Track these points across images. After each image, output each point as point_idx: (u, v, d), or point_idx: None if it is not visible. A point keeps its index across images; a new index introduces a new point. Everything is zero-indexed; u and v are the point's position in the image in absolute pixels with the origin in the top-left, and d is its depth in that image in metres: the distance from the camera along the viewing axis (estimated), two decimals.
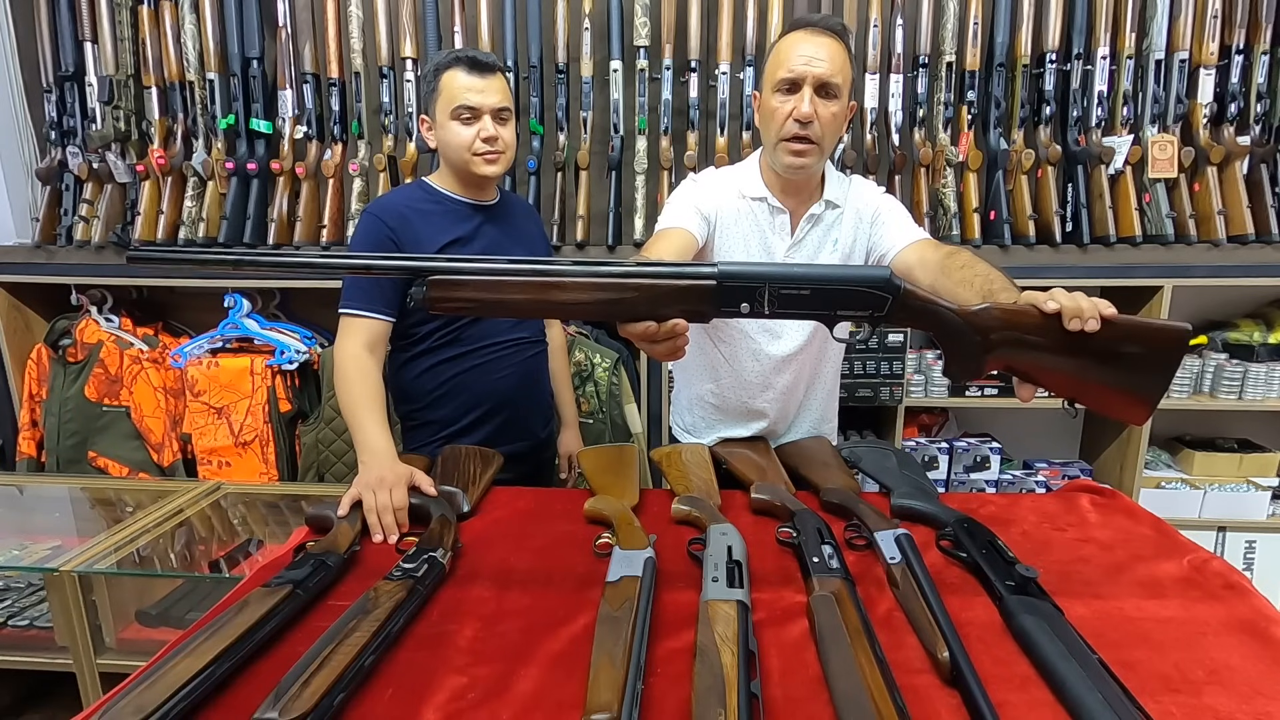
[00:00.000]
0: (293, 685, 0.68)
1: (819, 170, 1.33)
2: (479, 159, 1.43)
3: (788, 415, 1.48)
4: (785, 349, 1.39)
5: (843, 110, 1.27)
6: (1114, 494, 1.24)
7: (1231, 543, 2.40)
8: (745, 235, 1.35)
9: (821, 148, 1.25)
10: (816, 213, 1.35)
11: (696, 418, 1.53)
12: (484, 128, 1.41)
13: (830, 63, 1.21)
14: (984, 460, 2.41)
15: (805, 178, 1.31)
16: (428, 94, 1.45)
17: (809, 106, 1.21)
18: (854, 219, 1.37)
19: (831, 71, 1.21)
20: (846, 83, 1.25)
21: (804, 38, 1.23)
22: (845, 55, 1.25)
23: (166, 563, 1.67)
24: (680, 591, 0.92)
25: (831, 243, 1.37)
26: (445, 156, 1.48)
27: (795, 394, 1.45)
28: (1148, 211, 2.23)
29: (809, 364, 1.43)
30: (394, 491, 1.15)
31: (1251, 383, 2.29)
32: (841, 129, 1.30)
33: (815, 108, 1.21)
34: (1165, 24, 2.17)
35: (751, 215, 1.35)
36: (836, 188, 1.36)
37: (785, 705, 0.72)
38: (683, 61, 2.25)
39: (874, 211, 1.36)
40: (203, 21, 2.27)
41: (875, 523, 1.04)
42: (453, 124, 1.41)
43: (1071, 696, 0.70)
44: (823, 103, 1.22)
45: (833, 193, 1.35)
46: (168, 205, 2.34)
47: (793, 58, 1.22)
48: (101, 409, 2.35)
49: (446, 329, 1.49)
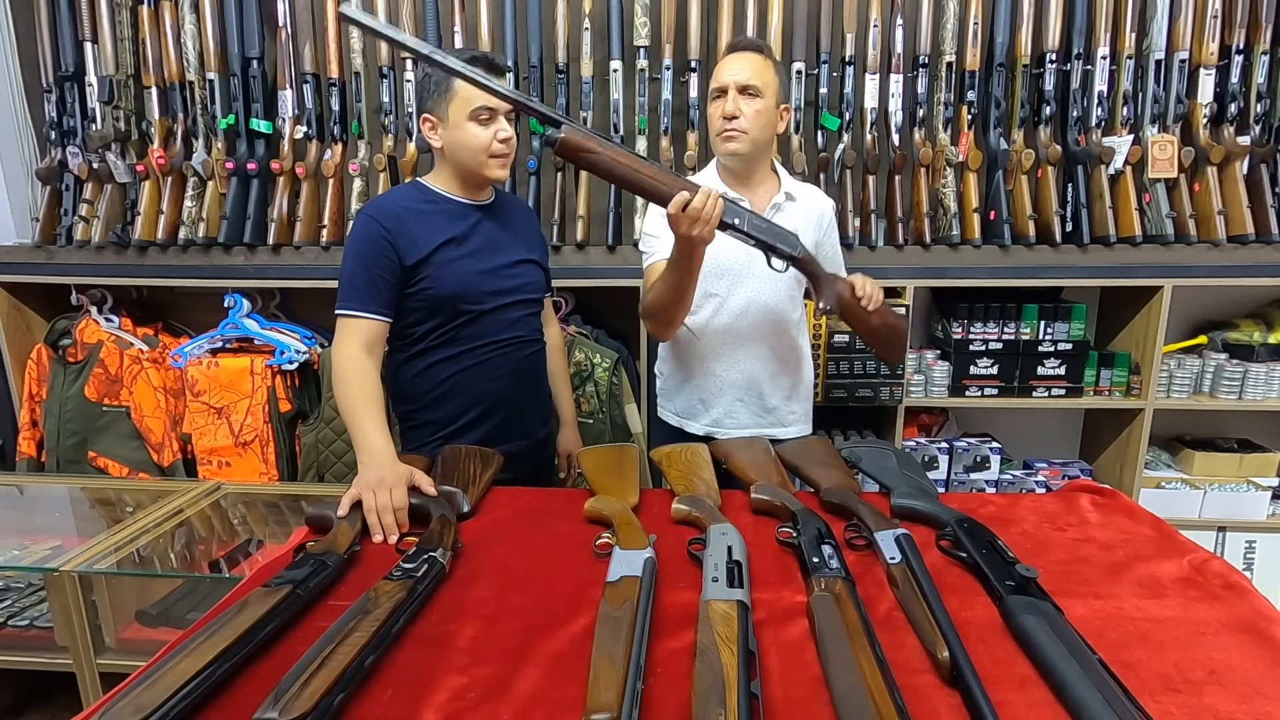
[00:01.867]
0: (293, 685, 0.68)
1: (755, 159, 1.58)
2: (494, 161, 1.44)
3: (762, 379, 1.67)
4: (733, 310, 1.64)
5: (768, 108, 1.53)
6: (1114, 494, 1.24)
7: (1231, 543, 2.40)
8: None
9: (750, 136, 1.52)
10: (779, 202, 1.61)
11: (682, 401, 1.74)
12: (501, 129, 1.42)
13: (748, 70, 1.51)
14: (984, 460, 2.41)
15: (743, 164, 1.58)
16: (436, 94, 1.42)
17: (732, 105, 1.51)
18: (811, 215, 1.63)
19: (749, 76, 1.51)
20: (767, 86, 1.52)
21: (729, 58, 1.56)
22: (764, 64, 1.53)
23: (166, 563, 1.67)
24: (680, 591, 0.92)
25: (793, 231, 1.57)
26: (455, 157, 1.46)
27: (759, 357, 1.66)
28: (1148, 211, 2.23)
29: (762, 332, 1.65)
30: (394, 491, 1.15)
31: (1251, 383, 2.29)
32: (770, 124, 1.55)
33: (739, 105, 1.51)
34: (1165, 24, 2.17)
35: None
36: (792, 184, 1.65)
37: (785, 705, 0.72)
38: (683, 61, 2.25)
39: (826, 224, 1.66)
40: (203, 21, 2.27)
41: (875, 523, 1.04)
42: (470, 125, 1.41)
43: (1071, 696, 0.70)
44: (745, 100, 1.51)
45: (789, 187, 1.63)
46: (168, 205, 2.34)
47: (721, 73, 1.55)
48: (101, 409, 2.35)
49: (443, 329, 1.49)
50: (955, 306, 2.34)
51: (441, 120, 1.43)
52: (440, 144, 1.46)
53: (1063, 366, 2.30)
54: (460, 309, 1.47)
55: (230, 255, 2.32)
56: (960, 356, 2.32)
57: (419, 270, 1.43)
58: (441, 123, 1.44)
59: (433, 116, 1.44)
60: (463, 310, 1.48)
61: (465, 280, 1.47)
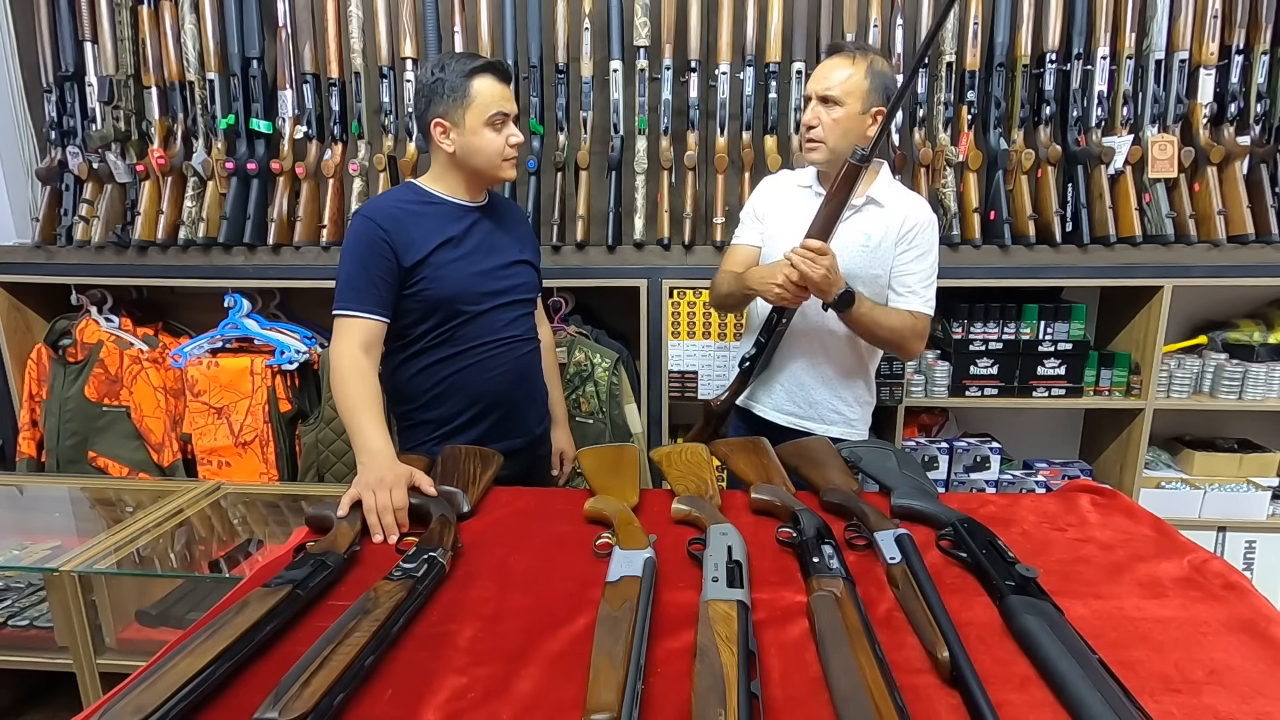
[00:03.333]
0: (293, 685, 0.68)
1: (838, 163, 1.51)
2: (506, 164, 1.48)
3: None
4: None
5: (849, 116, 1.53)
6: (1114, 494, 1.24)
7: (1231, 543, 2.40)
8: (790, 214, 1.64)
9: (829, 145, 1.54)
10: (857, 204, 1.59)
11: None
12: (513, 132, 1.46)
13: (830, 79, 1.52)
14: (984, 460, 2.41)
15: (825, 168, 1.59)
16: (451, 100, 1.42)
17: (810, 115, 1.55)
18: (894, 222, 1.59)
19: (828, 86, 1.52)
20: (849, 94, 1.52)
21: (823, 62, 1.57)
22: (852, 70, 1.52)
23: (166, 563, 1.67)
24: (680, 591, 0.92)
25: (863, 235, 1.59)
26: (469, 161, 1.47)
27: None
28: (1148, 211, 2.23)
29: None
30: (394, 491, 1.15)
31: (1251, 383, 2.29)
32: (852, 131, 1.54)
33: (818, 115, 1.54)
34: (1165, 24, 2.17)
35: (800, 199, 1.66)
36: (885, 190, 1.61)
37: (785, 705, 0.72)
38: (683, 61, 2.25)
39: (912, 236, 1.59)
40: (203, 21, 2.27)
41: (875, 523, 1.04)
42: (487, 130, 1.44)
43: (1071, 696, 0.70)
44: (825, 110, 1.53)
45: (878, 193, 1.60)
46: (168, 205, 2.34)
47: (810, 79, 1.57)
48: (101, 409, 2.35)
49: (441, 329, 1.50)
50: (955, 306, 2.34)
51: (456, 125, 1.44)
52: (453, 149, 1.46)
53: (1063, 366, 2.30)
54: (458, 309, 1.48)
55: (230, 255, 2.32)
56: (960, 356, 2.32)
57: (417, 271, 1.44)
58: (455, 128, 1.44)
59: (446, 121, 1.44)
60: (460, 310, 1.49)
61: (463, 281, 1.48)
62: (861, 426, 1.74)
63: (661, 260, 2.25)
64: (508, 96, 1.46)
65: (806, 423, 1.70)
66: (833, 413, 1.70)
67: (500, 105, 1.43)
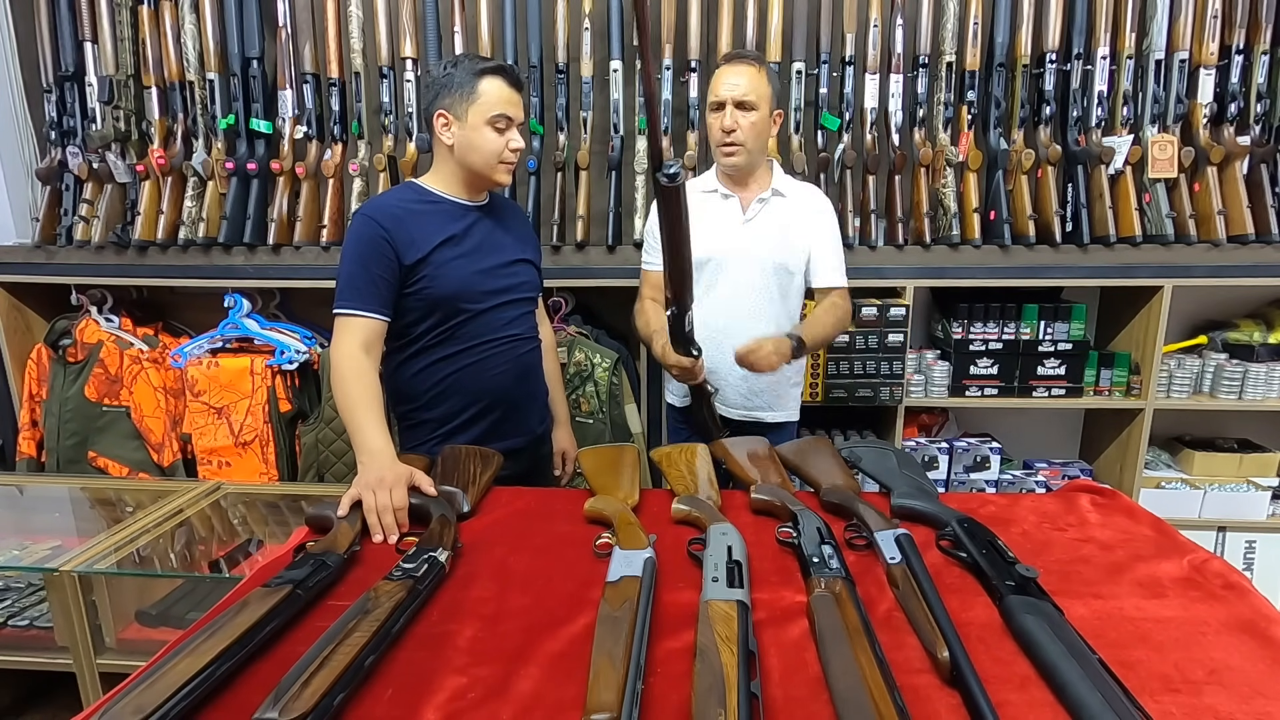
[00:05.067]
0: (293, 685, 0.68)
1: (753, 166, 1.70)
2: (502, 167, 1.48)
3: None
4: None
5: (762, 119, 1.64)
6: (1114, 494, 1.24)
7: (1231, 543, 2.40)
8: (699, 222, 1.59)
9: (748, 148, 1.65)
10: (765, 198, 1.72)
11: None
12: (515, 138, 1.46)
13: (743, 85, 1.61)
14: (984, 460, 2.41)
15: (742, 172, 1.71)
16: (458, 93, 1.43)
17: (730, 120, 1.62)
18: (803, 213, 1.74)
19: (744, 92, 1.61)
20: (761, 98, 1.62)
21: (726, 69, 1.64)
22: (758, 76, 1.62)
23: (166, 563, 1.67)
24: (680, 591, 0.92)
25: (779, 226, 1.72)
26: (465, 158, 1.47)
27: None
28: (1148, 211, 2.23)
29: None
30: (394, 491, 1.15)
31: (1251, 383, 2.29)
32: (764, 133, 1.67)
33: (736, 119, 1.62)
34: (1165, 24, 2.17)
35: (705, 204, 1.73)
36: (784, 182, 1.75)
37: (785, 705, 0.72)
38: (683, 61, 2.25)
39: (819, 218, 1.74)
40: (203, 21, 2.27)
41: (875, 523, 1.04)
42: (487, 129, 1.44)
43: (1071, 696, 0.70)
44: (742, 114, 1.62)
45: (780, 185, 1.74)
46: (168, 205, 2.34)
47: (718, 86, 1.64)
48: (101, 409, 2.35)
49: (441, 327, 1.49)
50: (955, 306, 2.34)
51: (458, 119, 1.44)
52: (451, 142, 1.47)
53: (1063, 366, 2.30)
54: (458, 308, 1.48)
55: (230, 255, 2.32)
56: (960, 356, 2.32)
57: (417, 270, 1.44)
58: (457, 121, 1.45)
59: (448, 114, 1.45)
60: (461, 309, 1.48)
61: (463, 279, 1.48)
62: (795, 406, 1.87)
63: None
64: (514, 101, 1.46)
65: (757, 412, 1.81)
66: (777, 398, 1.81)
67: (504, 108, 1.43)
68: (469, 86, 1.43)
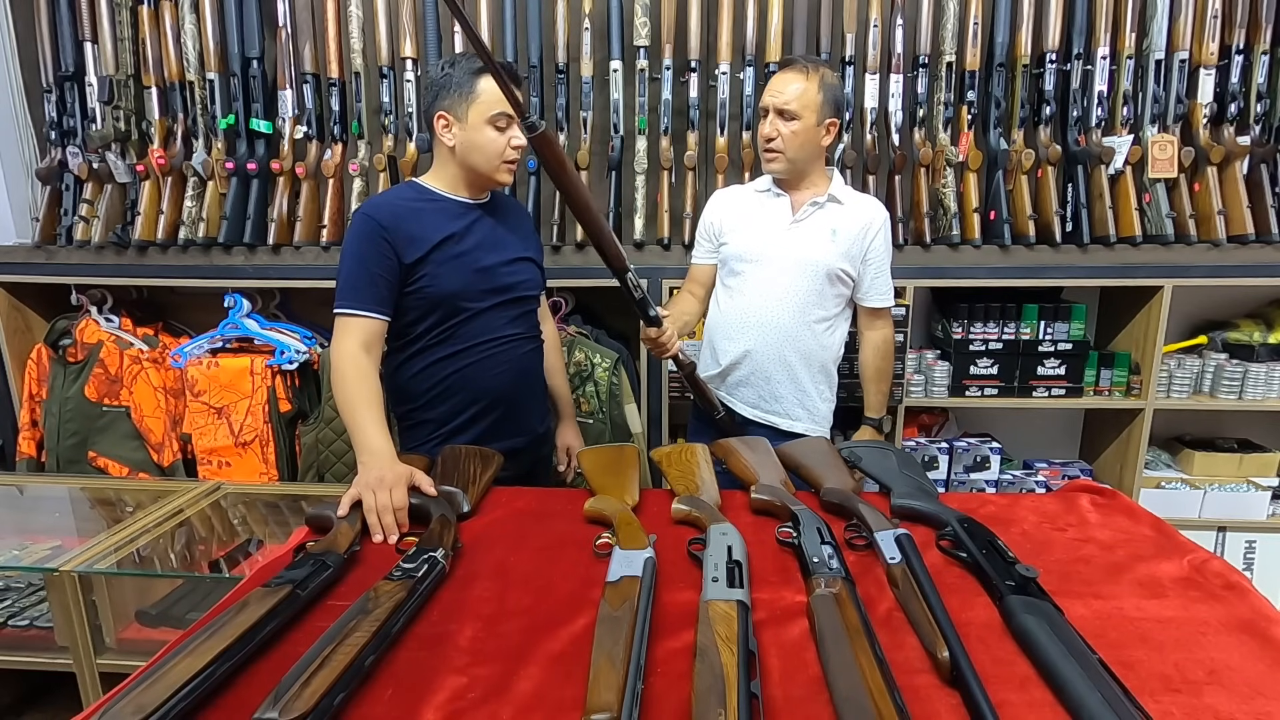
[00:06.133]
0: (293, 685, 0.68)
1: (797, 174, 1.71)
2: (504, 166, 1.47)
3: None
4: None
5: (806, 129, 1.64)
6: (1114, 494, 1.24)
7: (1231, 543, 2.40)
8: (754, 221, 1.76)
9: (788, 156, 1.67)
10: (819, 202, 1.71)
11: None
12: (515, 137, 1.45)
13: (787, 93, 1.63)
14: (984, 460, 2.41)
15: (785, 176, 1.72)
16: (457, 94, 1.43)
17: (769, 128, 1.66)
18: (858, 221, 1.71)
19: (786, 100, 1.63)
20: (806, 107, 1.62)
21: (776, 76, 1.68)
22: (807, 84, 1.62)
23: (166, 563, 1.67)
24: (680, 591, 0.92)
25: (830, 230, 1.70)
26: (467, 158, 1.47)
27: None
28: (1148, 211, 2.23)
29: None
30: (394, 491, 1.15)
31: (1251, 383, 2.29)
32: (809, 143, 1.66)
33: (776, 128, 1.64)
34: (1165, 24, 2.17)
35: (761, 204, 1.77)
36: (843, 190, 1.75)
37: (785, 705, 0.72)
38: (683, 61, 2.25)
39: (875, 234, 1.72)
40: (203, 21, 2.27)
41: (875, 523, 1.04)
42: (488, 129, 1.43)
43: (1071, 696, 0.70)
44: (783, 123, 1.64)
45: (838, 191, 1.73)
46: (168, 205, 2.34)
47: (766, 93, 1.67)
48: (101, 409, 2.35)
49: (441, 327, 1.49)
50: (955, 306, 2.34)
51: (459, 120, 1.44)
52: (453, 143, 1.46)
53: (1063, 366, 2.30)
54: (459, 307, 1.48)
55: (230, 255, 2.32)
56: (960, 356, 2.32)
57: (418, 268, 1.44)
58: (458, 122, 1.44)
59: (449, 115, 1.45)
60: (461, 308, 1.48)
61: (464, 278, 1.47)
62: (824, 424, 1.82)
63: (661, 260, 2.25)
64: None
65: (772, 417, 1.78)
66: (798, 407, 1.77)
67: (504, 105, 1.42)
68: (467, 86, 1.42)
